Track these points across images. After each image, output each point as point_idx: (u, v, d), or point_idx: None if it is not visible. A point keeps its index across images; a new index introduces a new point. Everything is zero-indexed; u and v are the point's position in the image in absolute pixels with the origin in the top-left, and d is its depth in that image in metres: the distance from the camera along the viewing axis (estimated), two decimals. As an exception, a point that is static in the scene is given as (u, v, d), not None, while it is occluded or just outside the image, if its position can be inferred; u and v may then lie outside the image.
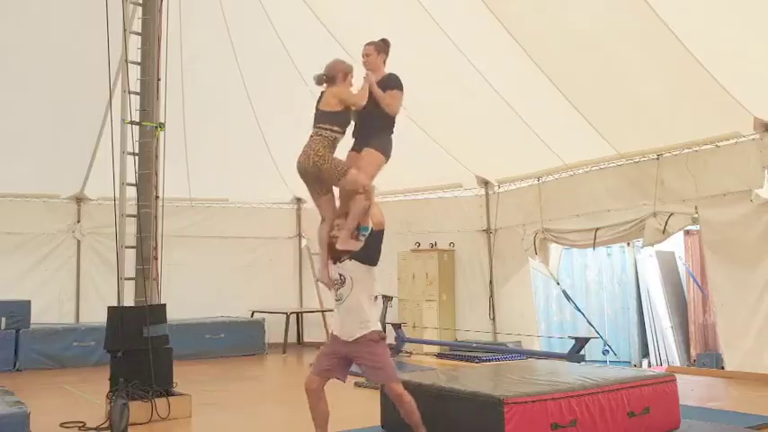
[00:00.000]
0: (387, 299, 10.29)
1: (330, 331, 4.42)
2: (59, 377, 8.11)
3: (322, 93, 4.65)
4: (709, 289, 8.30)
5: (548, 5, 7.00)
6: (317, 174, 4.40)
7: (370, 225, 4.29)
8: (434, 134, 9.27)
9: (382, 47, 4.76)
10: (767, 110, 6.86)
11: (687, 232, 10.48)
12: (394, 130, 4.64)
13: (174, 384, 5.92)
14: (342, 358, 4.25)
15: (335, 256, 4.30)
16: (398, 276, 10.71)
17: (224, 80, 9.75)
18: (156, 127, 6.08)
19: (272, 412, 6.38)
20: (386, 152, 4.58)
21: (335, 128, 4.47)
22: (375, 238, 4.23)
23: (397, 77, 4.65)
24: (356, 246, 4.26)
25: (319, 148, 4.38)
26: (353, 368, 4.36)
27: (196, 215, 11.40)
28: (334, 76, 4.60)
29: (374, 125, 4.59)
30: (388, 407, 4.38)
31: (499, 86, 8.19)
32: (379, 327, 4.21)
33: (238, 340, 10.35)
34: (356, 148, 4.66)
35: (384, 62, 4.74)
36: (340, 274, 4.24)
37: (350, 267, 4.22)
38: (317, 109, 4.60)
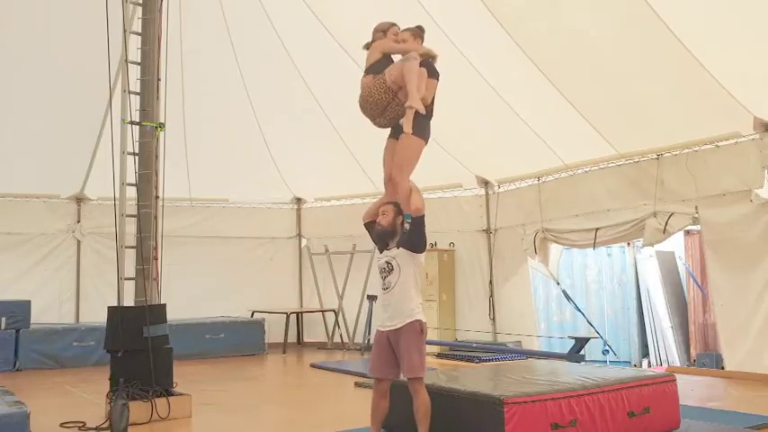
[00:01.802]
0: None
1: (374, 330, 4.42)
2: (59, 377, 8.10)
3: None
4: (709, 289, 8.30)
5: (547, 6, 7.00)
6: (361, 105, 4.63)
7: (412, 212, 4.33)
8: (434, 134, 9.24)
9: (418, 32, 4.77)
10: (767, 110, 6.87)
11: (687, 232, 10.49)
12: (432, 114, 4.64)
13: (174, 384, 5.91)
14: (389, 355, 4.25)
15: (381, 244, 4.37)
16: (398, 276, 10.69)
17: (224, 80, 9.75)
18: (156, 127, 6.08)
19: (272, 412, 6.37)
20: (424, 136, 4.61)
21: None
22: (418, 225, 4.28)
23: (432, 65, 4.67)
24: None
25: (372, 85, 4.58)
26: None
27: (196, 215, 11.39)
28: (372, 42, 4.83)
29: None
30: (390, 407, 4.38)
31: (499, 86, 8.19)
32: (422, 316, 4.24)
33: (238, 340, 10.35)
34: (394, 135, 4.68)
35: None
36: (387, 262, 4.28)
37: (397, 255, 4.26)
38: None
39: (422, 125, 4.60)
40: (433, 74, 4.66)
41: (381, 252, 4.38)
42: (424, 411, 4.10)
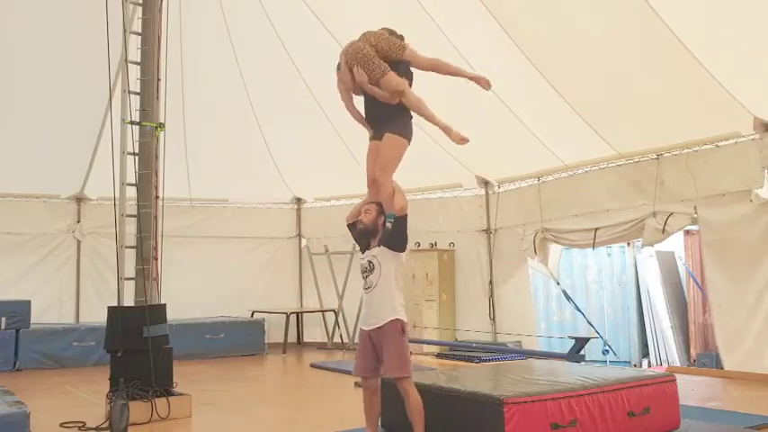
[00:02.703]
0: None
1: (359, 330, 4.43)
2: (59, 377, 8.11)
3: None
4: (707, 289, 8.30)
5: (546, 6, 7.00)
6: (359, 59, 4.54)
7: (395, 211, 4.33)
8: (434, 134, 9.26)
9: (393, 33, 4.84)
10: (767, 110, 6.86)
11: (687, 232, 10.49)
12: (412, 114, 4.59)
13: (174, 384, 5.92)
14: (372, 353, 4.25)
15: (364, 244, 4.37)
16: (398, 276, 10.70)
17: (224, 80, 9.76)
18: (156, 127, 6.08)
19: (272, 412, 6.37)
20: (407, 135, 4.58)
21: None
22: (400, 224, 4.27)
23: (408, 67, 4.69)
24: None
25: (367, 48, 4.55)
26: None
27: (196, 215, 11.39)
28: None
29: (390, 109, 4.55)
30: (389, 406, 4.38)
31: (498, 87, 8.15)
32: (404, 316, 4.23)
33: (238, 340, 10.35)
34: (376, 137, 4.64)
35: None
36: (369, 261, 4.28)
37: (378, 253, 4.25)
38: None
39: (406, 124, 4.60)
40: (407, 74, 4.64)
41: (363, 252, 4.38)
42: (417, 413, 4.09)
